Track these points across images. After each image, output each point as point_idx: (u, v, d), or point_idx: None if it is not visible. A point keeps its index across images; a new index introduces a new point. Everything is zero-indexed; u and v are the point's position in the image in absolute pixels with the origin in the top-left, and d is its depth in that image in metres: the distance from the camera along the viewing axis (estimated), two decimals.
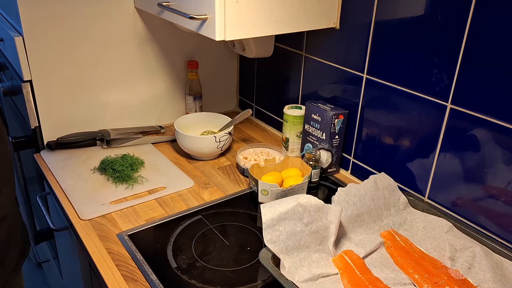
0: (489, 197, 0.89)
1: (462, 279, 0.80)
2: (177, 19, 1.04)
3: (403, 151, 1.04)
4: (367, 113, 1.11)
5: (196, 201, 1.07)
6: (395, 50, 1.00)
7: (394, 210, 0.96)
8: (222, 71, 1.52)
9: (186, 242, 0.93)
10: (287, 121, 1.24)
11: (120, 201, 1.05)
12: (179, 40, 1.38)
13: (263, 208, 0.82)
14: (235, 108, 1.62)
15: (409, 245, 0.89)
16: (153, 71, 1.37)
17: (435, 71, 0.93)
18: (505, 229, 0.87)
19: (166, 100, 1.43)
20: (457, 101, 0.90)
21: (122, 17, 1.24)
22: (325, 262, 0.83)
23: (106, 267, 0.86)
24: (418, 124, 0.99)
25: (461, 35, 0.86)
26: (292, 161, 1.12)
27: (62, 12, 1.15)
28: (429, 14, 0.91)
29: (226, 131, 1.22)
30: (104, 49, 1.25)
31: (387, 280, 0.81)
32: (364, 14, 1.04)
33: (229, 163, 1.25)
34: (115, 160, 1.17)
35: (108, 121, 1.33)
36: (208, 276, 0.84)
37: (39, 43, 1.14)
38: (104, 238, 0.93)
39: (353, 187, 0.92)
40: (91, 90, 1.28)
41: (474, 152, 0.90)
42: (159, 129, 1.39)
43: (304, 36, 1.24)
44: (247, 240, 0.95)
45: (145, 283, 0.82)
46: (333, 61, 1.17)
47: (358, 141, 1.15)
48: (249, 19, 0.96)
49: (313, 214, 0.84)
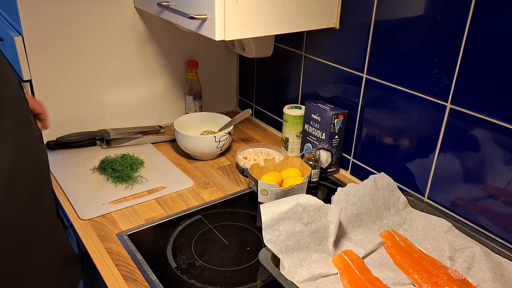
0: (489, 197, 0.89)
1: (462, 279, 0.80)
2: (177, 19, 1.04)
3: (403, 151, 1.04)
4: (366, 113, 1.11)
5: (195, 201, 1.07)
6: (395, 50, 1.00)
7: (393, 210, 0.96)
8: (222, 71, 1.52)
9: (185, 242, 0.93)
10: (286, 121, 1.24)
11: (119, 201, 1.05)
12: (179, 40, 1.38)
13: (263, 208, 0.82)
14: (235, 108, 1.62)
15: (409, 245, 0.89)
16: (153, 71, 1.37)
17: (435, 71, 0.93)
18: (505, 229, 0.87)
19: (165, 100, 1.43)
20: (457, 101, 0.90)
21: (122, 17, 1.24)
22: (324, 262, 0.83)
23: (106, 267, 0.86)
24: (418, 124, 0.99)
25: (461, 35, 0.86)
26: (292, 161, 1.12)
27: (62, 12, 1.15)
28: (429, 14, 0.91)
29: (225, 131, 1.22)
30: (104, 49, 1.25)
31: (387, 280, 0.81)
32: (364, 14, 1.04)
33: (229, 163, 1.25)
34: (115, 160, 1.17)
35: (108, 121, 1.33)
36: (208, 276, 0.84)
37: (38, 43, 1.14)
38: (104, 238, 0.93)
39: (352, 187, 0.92)
40: (90, 90, 1.28)
41: (474, 152, 0.90)
42: (159, 129, 1.39)
43: (304, 36, 1.24)
44: (247, 240, 0.95)
45: (144, 283, 0.82)
46: (333, 61, 1.17)
47: (358, 141, 1.15)
48: (249, 19, 0.96)
49: (312, 214, 0.84)
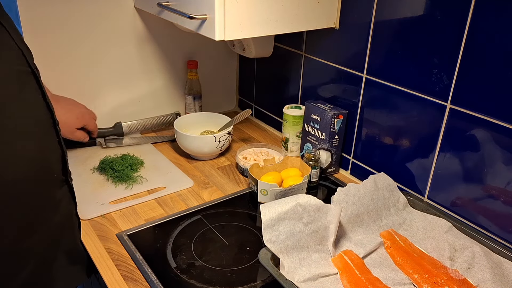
0: (489, 197, 0.89)
1: (462, 279, 0.80)
2: (177, 19, 1.04)
3: (403, 151, 1.04)
4: (366, 113, 1.11)
5: (195, 201, 1.07)
6: (394, 50, 1.00)
7: (393, 210, 0.96)
8: (221, 71, 1.52)
9: (185, 242, 0.93)
10: (286, 121, 1.24)
11: (119, 201, 1.05)
12: (179, 40, 1.38)
13: (263, 208, 0.82)
14: (235, 108, 1.62)
15: (409, 245, 0.89)
16: (153, 71, 1.37)
17: (435, 71, 0.93)
18: (505, 229, 0.87)
19: (165, 100, 1.43)
20: (457, 101, 0.90)
21: (121, 17, 1.24)
22: (324, 262, 0.83)
23: (106, 267, 0.86)
24: (418, 124, 0.99)
25: (460, 35, 0.86)
26: (292, 161, 1.12)
27: (62, 12, 1.15)
28: (428, 14, 0.91)
29: (225, 131, 1.22)
30: (103, 49, 1.25)
31: (387, 280, 0.81)
32: (364, 14, 1.04)
33: (229, 163, 1.25)
34: (115, 160, 1.17)
35: (108, 121, 1.33)
36: (208, 276, 0.84)
37: (39, 43, 1.14)
38: (104, 238, 0.93)
39: (352, 187, 0.92)
40: (90, 90, 1.28)
41: (474, 152, 0.90)
42: (175, 117, 1.36)
43: (303, 36, 1.24)
44: (247, 240, 0.95)
45: (144, 283, 0.82)
46: (332, 61, 1.17)
47: (358, 141, 1.15)
48: (249, 19, 0.96)
49: (312, 214, 0.84)
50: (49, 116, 0.77)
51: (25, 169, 0.72)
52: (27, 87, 0.73)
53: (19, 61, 0.72)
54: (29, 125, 0.73)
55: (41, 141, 0.76)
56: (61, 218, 0.82)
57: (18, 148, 0.71)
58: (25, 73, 0.73)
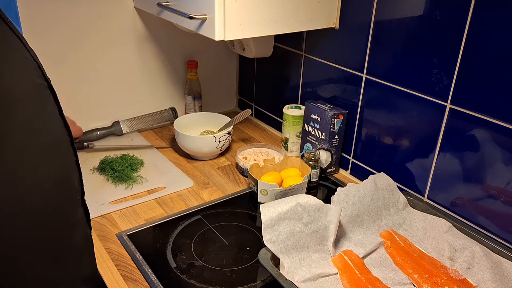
0: (489, 197, 0.89)
1: (462, 279, 0.80)
2: (177, 19, 1.04)
3: (403, 151, 1.04)
4: (366, 113, 1.11)
5: (195, 201, 1.07)
6: (394, 50, 1.00)
7: (393, 210, 0.96)
8: (221, 71, 1.52)
9: (185, 242, 0.93)
10: (286, 121, 1.24)
11: (119, 201, 1.05)
12: (179, 40, 1.38)
13: (263, 208, 0.82)
14: (235, 108, 1.62)
15: (409, 245, 0.89)
16: (153, 71, 1.37)
17: (435, 71, 0.93)
18: (505, 229, 0.88)
19: (165, 100, 1.43)
20: (457, 101, 0.90)
21: (121, 17, 1.24)
22: (324, 262, 0.83)
23: (106, 267, 0.86)
24: (418, 124, 0.99)
25: (460, 35, 0.86)
26: (292, 161, 1.12)
27: (62, 12, 1.15)
28: (428, 14, 0.91)
29: (225, 131, 1.22)
30: (103, 49, 1.25)
31: (387, 280, 0.81)
32: (364, 14, 1.04)
33: (229, 163, 1.25)
34: (115, 160, 1.17)
35: (107, 121, 1.33)
36: (208, 276, 0.84)
37: (39, 43, 1.14)
38: (104, 238, 0.93)
39: (352, 187, 0.92)
40: (90, 90, 1.28)
41: (474, 152, 0.90)
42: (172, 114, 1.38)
43: (303, 36, 1.24)
44: (247, 240, 0.95)
45: (144, 283, 0.82)
46: (332, 61, 1.17)
47: (358, 141, 1.15)
48: (249, 19, 0.96)
49: (312, 214, 0.84)
50: (67, 134, 0.73)
51: (51, 193, 0.66)
52: (47, 103, 0.67)
53: (37, 73, 0.65)
54: (53, 144, 0.67)
55: (63, 160, 0.71)
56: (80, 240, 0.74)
57: (44, 170, 0.65)
58: (44, 87, 0.68)
